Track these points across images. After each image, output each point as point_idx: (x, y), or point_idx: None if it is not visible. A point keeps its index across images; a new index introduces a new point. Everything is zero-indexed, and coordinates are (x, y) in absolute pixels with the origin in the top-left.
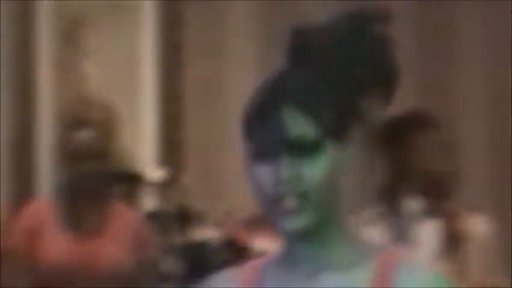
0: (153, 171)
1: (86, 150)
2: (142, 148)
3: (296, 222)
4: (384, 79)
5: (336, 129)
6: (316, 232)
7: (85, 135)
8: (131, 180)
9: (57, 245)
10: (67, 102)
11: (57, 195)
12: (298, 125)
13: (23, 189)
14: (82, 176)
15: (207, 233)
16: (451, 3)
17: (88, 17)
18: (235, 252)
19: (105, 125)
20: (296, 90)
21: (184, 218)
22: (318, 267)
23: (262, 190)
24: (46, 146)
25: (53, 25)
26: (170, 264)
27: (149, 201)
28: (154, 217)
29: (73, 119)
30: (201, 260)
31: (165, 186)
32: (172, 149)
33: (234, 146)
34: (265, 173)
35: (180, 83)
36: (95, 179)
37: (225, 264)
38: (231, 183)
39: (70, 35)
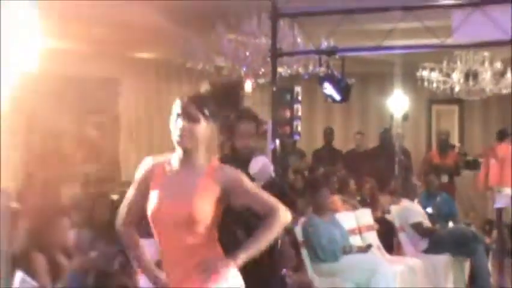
0: None
1: None
2: None
3: (185, 145)
4: (236, 107)
5: (213, 118)
6: (191, 151)
7: None
8: None
9: None
10: None
11: None
12: (199, 114)
13: None
14: None
15: None
16: None
17: None
18: None
19: None
20: (202, 101)
21: None
22: (191, 165)
23: (173, 132)
24: None
25: None
26: None
27: None
28: None
29: None
30: None
31: None
32: None
33: None
34: (178, 124)
35: None
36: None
37: None
38: None
39: None
